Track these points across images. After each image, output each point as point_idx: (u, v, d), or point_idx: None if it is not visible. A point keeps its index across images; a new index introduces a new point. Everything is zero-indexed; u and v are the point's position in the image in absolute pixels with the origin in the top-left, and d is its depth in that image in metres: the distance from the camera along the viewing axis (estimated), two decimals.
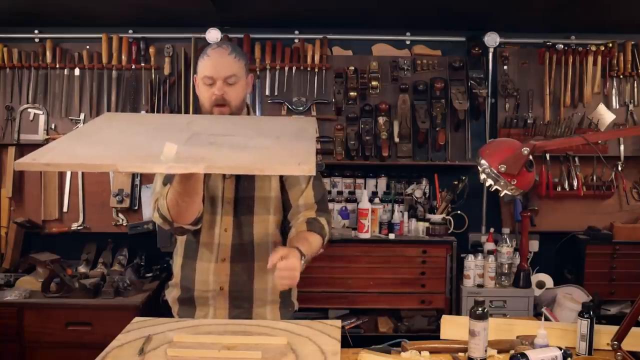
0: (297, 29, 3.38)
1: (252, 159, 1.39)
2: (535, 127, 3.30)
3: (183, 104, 3.29)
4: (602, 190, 3.34)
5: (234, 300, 1.84)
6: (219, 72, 1.80)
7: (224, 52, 1.82)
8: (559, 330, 1.77)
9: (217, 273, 1.83)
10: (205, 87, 1.83)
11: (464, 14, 3.16)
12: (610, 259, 3.21)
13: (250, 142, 1.51)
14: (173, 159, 1.32)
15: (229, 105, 1.82)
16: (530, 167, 1.69)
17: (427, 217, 3.23)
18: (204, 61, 1.82)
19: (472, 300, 2.01)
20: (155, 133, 1.54)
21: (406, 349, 1.66)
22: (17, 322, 2.78)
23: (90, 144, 1.48)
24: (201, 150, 1.41)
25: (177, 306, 1.93)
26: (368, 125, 3.28)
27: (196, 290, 1.86)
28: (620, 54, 3.34)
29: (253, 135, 1.58)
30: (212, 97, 1.81)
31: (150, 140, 1.47)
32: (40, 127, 3.29)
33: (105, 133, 1.59)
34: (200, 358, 1.40)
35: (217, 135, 1.54)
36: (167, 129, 1.61)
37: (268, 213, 1.86)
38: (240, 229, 1.84)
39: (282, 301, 1.91)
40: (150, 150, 1.37)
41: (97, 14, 3.15)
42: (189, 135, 1.51)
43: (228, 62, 1.81)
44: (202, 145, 1.45)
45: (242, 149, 1.45)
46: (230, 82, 1.81)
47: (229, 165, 1.39)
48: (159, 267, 3.27)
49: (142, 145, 1.45)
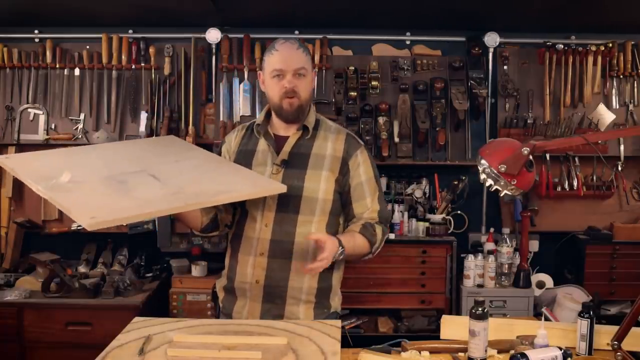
0: (297, 29, 3.38)
1: (80, 202, 1.55)
2: (535, 127, 3.30)
3: (183, 104, 3.29)
4: (602, 190, 3.34)
5: (268, 295, 1.86)
6: (289, 65, 1.82)
7: (292, 46, 1.84)
8: (559, 330, 1.77)
9: (254, 266, 1.86)
10: (274, 80, 1.84)
11: (464, 14, 3.16)
12: (610, 259, 3.21)
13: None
14: (56, 186, 1.55)
15: (299, 97, 1.84)
16: (530, 167, 1.69)
17: (427, 217, 3.23)
18: (273, 56, 1.84)
19: (472, 300, 2.01)
20: (108, 164, 1.78)
21: (406, 349, 1.66)
22: (17, 322, 2.79)
23: (46, 158, 1.80)
24: (90, 185, 1.61)
25: (223, 294, 1.98)
26: (368, 125, 3.28)
27: (236, 282, 1.90)
28: (620, 54, 3.34)
29: (172, 183, 1.71)
30: (282, 90, 1.83)
31: (89, 166, 1.75)
32: (40, 127, 3.29)
33: (76, 156, 1.89)
34: (200, 358, 1.40)
35: (147, 175, 1.72)
36: (128, 163, 1.82)
37: (313, 214, 1.86)
38: (281, 225, 1.85)
39: (317, 302, 1.90)
40: (57, 174, 1.61)
41: (97, 14, 3.15)
42: (124, 171, 1.71)
43: (297, 55, 1.84)
44: (106, 182, 1.64)
45: (117, 192, 1.60)
46: (301, 74, 1.83)
47: (58, 202, 1.52)
48: (159, 267, 3.27)
49: (58, 170, 1.65)
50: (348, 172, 1.89)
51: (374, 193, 1.93)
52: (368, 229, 1.87)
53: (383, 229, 1.93)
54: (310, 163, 1.87)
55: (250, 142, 1.95)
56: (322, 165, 1.87)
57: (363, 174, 1.91)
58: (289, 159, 1.87)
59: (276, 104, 1.87)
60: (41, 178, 1.59)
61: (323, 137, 1.92)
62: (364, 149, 1.94)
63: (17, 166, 1.70)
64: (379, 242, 1.91)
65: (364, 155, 1.93)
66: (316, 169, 1.86)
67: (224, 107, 3.32)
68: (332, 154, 1.89)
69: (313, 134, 1.91)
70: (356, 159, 1.90)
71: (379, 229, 1.90)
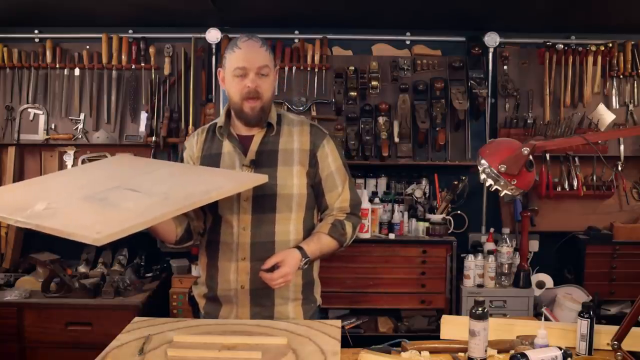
0: (297, 29, 3.38)
1: (77, 222, 1.42)
2: (535, 127, 3.30)
3: (183, 104, 3.29)
4: (602, 190, 3.34)
5: (256, 298, 1.85)
6: (252, 63, 1.78)
7: (255, 44, 1.81)
8: (559, 330, 1.76)
9: (237, 272, 1.84)
10: (235, 79, 1.80)
11: (464, 14, 3.16)
12: (610, 259, 3.21)
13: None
14: (34, 214, 1.46)
15: (261, 98, 1.81)
16: (530, 167, 1.69)
17: (427, 217, 3.23)
18: (235, 53, 1.79)
19: (472, 300, 2.01)
20: (79, 186, 1.67)
21: (406, 349, 1.66)
22: (17, 322, 2.78)
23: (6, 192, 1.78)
24: (73, 207, 1.52)
25: (204, 302, 1.94)
26: (368, 125, 3.28)
27: (219, 289, 1.88)
28: (620, 54, 3.34)
29: (155, 192, 1.61)
30: (244, 90, 1.79)
31: (63, 190, 1.66)
32: (40, 127, 3.29)
33: (37, 185, 1.80)
34: (200, 358, 1.40)
35: (124, 189, 1.61)
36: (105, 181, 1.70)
37: (290, 211, 1.86)
38: (260, 227, 1.84)
39: (304, 298, 1.92)
40: (33, 203, 1.52)
41: (97, 14, 3.15)
42: (102, 189, 1.60)
43: (260, 54, 1.80)
44: (88, 201, 1.54)
45: (106, 207, 1.50)
46: (263, 74, 1.80)
47: (52, 227, 1.41)
48: (159, 267, 3.27)
49: (27, 201, 1.55)
50: (317, 164, 1.88)
51: (344, 182, 1.93)
52: (337, 228, 1.87)
53: (353, 224, 1.93)
54: (280, 160, 1.85)
55: (214, 145, 1.91)
56: (292, 161, 1.85)
57: (332, 164, 1.90)
58: (257, 158, 1.84)
59: (237, 105, 1.83)
60: (14, 210, 1.49)
61: (287, 131, 1.89)
62: (329, 138, 1.92)
63: None
64: (349, 239, 1.92)
65: (331, 145, 1.91)
66: (287, 165, 1.85)
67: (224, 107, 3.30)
68: (299, 148, 1.87)
69: (277, 129, 1.88)
70: (324, 150, 1.89)
71: (348, 225, 1.90)
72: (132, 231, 1.35)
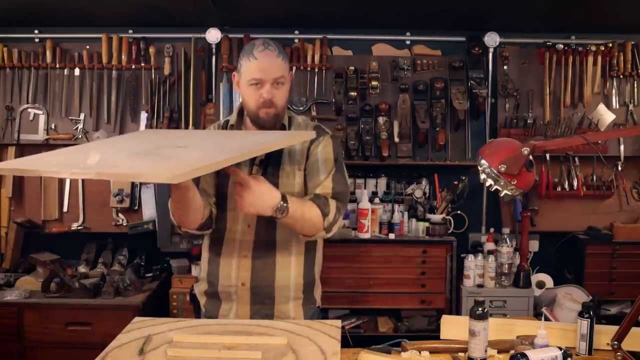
0: (297, 29, 3.38)
1: (142, 168, 1.35)
2: (535, 127, 3.30)
3: (183, 104, 3.29)
4: (602, 190, 3.34)
5: (256, 296, 1.86)
6: (268, 75, 1.78)
7: (272, 54, 1.79)
8: (559, 330, 1.77)
9: (239, 269, 1.85)
10: (251, 88, 1.80)
11: (464, 14, 3.16)
12: (610, 259, 3.21)
13: (182, 153, 1.50)
14: (90, 167, 1.37)
15: (276, 107, 1.82)
16: (530, 167, 1.69)
17: (427, 217, 3.23)
18: (251, 63, 1.78)
19: (472, 300, 2.01)
20: (126, 148, 1.60)
21: (406, 349, 1.66)
22: (17, 322, 2.79)
23: (65, 153, 1.63)
24: (127, 160, 1.44)
25: (205, 299, 1.95)
26: (368, 125, 3.28)
27: (220, 285, 1.88)
28: (620, 54, 3.34)
29: (205, 147, 1.58)
30: (260, 100, 1.80)
31: (107, 151, 1.58)
32: (40, 127, 3.29)
33: (96, 146, 1.77)
34: (200, 358, 1.40)
35: (172, 147, 1.55)
36: (147, 143, 1.65)
37: None
38: (263, 225, 1.84)
39: (304, 298, 1.92)
40: (82, 160, 1.46)
41: (97, 14, 3.15)
42: (147, 148, 1.54)
43: (277, 64, 1.80)
44: (140, 156, 1.46)
45: (164, 158, 1.43)
46: (279, 82, 1.80)
47: (117, 172, 1.37)
48: (159, 267, 3.27)
49: (86, 156, 1.52)
50: (309, 157, 1.88)
51: (330, 172, 1.85)
52: (320, 198, 1.80)
53: (337, 205, 1.82)
54: (284, 160, 1.86)
55: None
56: (294, 161, 1.87)
57: (320, 154, 1.87)
58: (266, 158, 1.86)
59: (252, 112, 1.84)
60: (65, 166, 1.43)
61: None
62: (329, 137, 1.90)
63: (30, 165, 1.53)
64: (332, 215, 1.79)
65: (327, 141, 1.89)
66: (290, 165, 1.86)
67: (224, 107, 3.31)
68: (300, 148, 1.88)
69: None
70: (318, 144, 1.87)
71: (332, 202, 1.80)
72: (201, 172, 1.31)
